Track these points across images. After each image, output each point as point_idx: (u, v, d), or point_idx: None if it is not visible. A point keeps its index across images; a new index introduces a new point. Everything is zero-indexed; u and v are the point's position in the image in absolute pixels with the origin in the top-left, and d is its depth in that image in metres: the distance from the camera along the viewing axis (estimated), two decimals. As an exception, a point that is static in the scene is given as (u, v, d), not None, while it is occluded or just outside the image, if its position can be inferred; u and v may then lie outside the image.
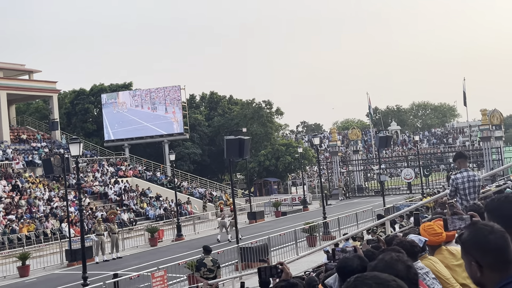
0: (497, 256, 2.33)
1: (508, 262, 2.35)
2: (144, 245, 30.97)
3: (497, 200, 2.95)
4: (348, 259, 3.50)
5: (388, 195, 44.26)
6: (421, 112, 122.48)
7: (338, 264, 3.53)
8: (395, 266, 2.56)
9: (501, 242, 2.35)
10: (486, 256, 2.34)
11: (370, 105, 66.76)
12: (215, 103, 67.90)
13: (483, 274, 2.34)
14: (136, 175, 47.57)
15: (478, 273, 2.35)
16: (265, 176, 58.57)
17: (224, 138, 20.84)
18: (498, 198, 2.98)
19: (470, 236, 2.41)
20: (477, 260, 2.35)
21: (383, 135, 33.51)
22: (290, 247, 22.29)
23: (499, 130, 48.36)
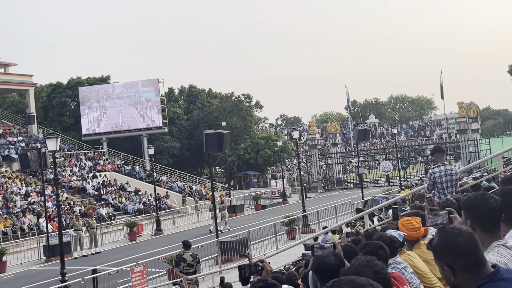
0: (467, 258, 2.36)
1: (479, 262, 2.38)
2: (123, 240, 30.78)
3: (473, 198, 3.01)
4: (324, 257, 3.50)
5: (366, 187, 44.60)
6: (399, 105, 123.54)
7: (314, 263, 3.53)
8: (362, 273, 2.59)
9: (470, 244, 2.38)
10: (457, 259, 2.37)
11: (349, 98, 67.10)
12: (194, 97, 67.63)
13: (456, 277, 2.37)
14: (114, 170, 47.19)
15: (452, 277, 2.38)
16: (244, 169, 58.57)
17: (203, 132, 20.76)
18: (474, 196, 3.04)
19: (440, 241, 2.45)
20: (449, 264, 2.38)
21: (362, 128, 33.71)
22: (270, 240, 22.36)
23: (475, 123, 48.98)
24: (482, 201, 2.95)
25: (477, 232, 2.90)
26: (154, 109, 55.48)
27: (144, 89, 55.88)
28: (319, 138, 63.46)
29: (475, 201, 2.99)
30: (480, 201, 2.96)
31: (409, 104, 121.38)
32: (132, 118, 55.54)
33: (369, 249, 4.25)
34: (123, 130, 55.74)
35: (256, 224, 26.28)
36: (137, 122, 55.70)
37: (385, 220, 15.04)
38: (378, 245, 4.31)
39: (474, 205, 2.97)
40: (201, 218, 37.21)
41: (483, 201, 2.95)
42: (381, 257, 4.03)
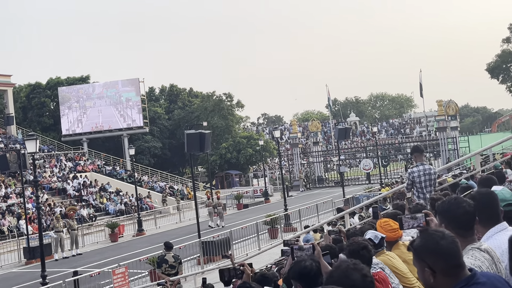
0: (449, 261, 2.41)
1: (459, 266, 2.44)
2: (104, 241, 30.58)
3: (447, 202, 3.08)
4: (302, 262, 3.52)
5: (347, 185, 44.90)
6: (379, 103, 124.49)
7: (294, 269, 3.52)
8: (350, 276, 2.61)
9: (453, 247, 2.43)
10: (439, 262, 2.41)
11: (330, 97, 67.42)
12: (175, 96, 67.37)
13: (436, 280, 2.42)
14: (95, 170, 46.83)
15: (431, 279, 2.43)
16: (226, 168, 58.55)
17: (185, 133, 20.72)
18: (448, 200, 3.11)
19: (422, 243, 2.49)
20: (430, 266, 2.42)
21: (342, 127, 33.95)
22: (252, 239, 22.39)
23: (454, 121, 49.59)
24: (456, 205, 3.01)
25: None
26: (134, 108, 55.15)
27: (125, 88, 55.50)
28: (301, 137, 63.66)
29: (448, 206, 3.05)
30: (454, 206, 3.02)
31: (389, 102, 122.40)
32: (112, 118, 55.15)
33: (353, 249, 4.29)
34: (103, 130, 55.31)
35: (238, 223, 26.31)
36: (117, 122, 55.31)
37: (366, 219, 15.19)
38: (362, 245, 4.33)
39: (447, 210, 3.03)
40: (183, 218, 37.11)
41: (457, 206, 3.01)
42: (364, 257, 4.07)
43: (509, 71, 51.42)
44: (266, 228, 24.93)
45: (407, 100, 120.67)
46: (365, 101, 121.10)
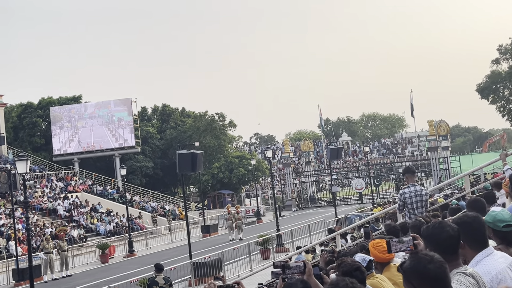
0: (435, 285, 2.43)
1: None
2: (94, 262, 30.27)
3: (431, 227, 3.10)
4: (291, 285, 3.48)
5: (340, 205, 44.82)
6: (371, 123, 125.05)
7: None
8: None
9: (440, 272, 2.45)
10: (425, 285, 2.43)
11: (322, 116, 67.71)
12: (167, 116, 67.40)
13: None
14: (86, 190, 46.55)
15: None
16: (218, 188, 58.37)
17: (176, 153, 20.67)
18: (432, 225, 3.13)
19: (411, 265, 2.51)
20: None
21: (334, 147, 34.00)
22: (244, 260, 22.23)
23: (445, 141, 49.79)
24: (440, 230, 3.04)
25: None
26: (126, 128, 55.08)
27: (117, 108, 55.49)
28: (293, 157, 63.72)
29: (432, 230, 3.08)
30: (438, 230, 3.05)
31: (381, 122, 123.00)
32: (104, 138, 55.02)
33: (345, 270, 4.26)
34: (95, 150, 55.14)
35: (230, 244, 26.14)
36: (109, 142, 55.18)
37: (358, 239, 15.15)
38: (355, 266, 4.31)
39: (431, 234, 3.06)
40: (174, 238, 36.84)
41: (440, 230, 3.04)
42: (357, 278, 4.04)
43: (498, 91, 51.91)
44: (258, 248, 24.77)
45: (399, 120, 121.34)
46: (357, 121, 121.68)
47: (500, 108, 52.05)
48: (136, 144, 55.35)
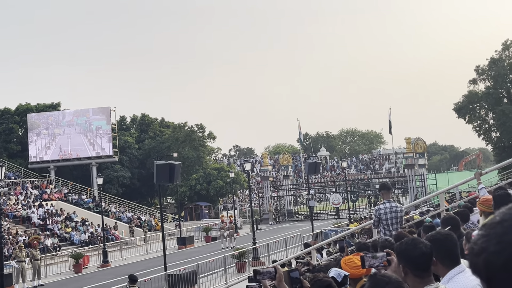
0: None
1: None
2: (68, 272, 29.82)
3: (404, 244, 3.17)
4: None
5: (316, 220, 44.93)
6: (349, 139, 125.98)
7: None
8: None
9: None
10: None
11: (301, 131, 67.95)
12: (146, 126, 67.07)
13: None
14: (61, 199, 45.96)
15: None
16: (196, 200, 58.10)
17: (154, 163, 20.58)
18: (405, 242, 3.20)
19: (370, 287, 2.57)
20: None
21: (312, 161, 34.16)
22: (220, 273, 22.12)
23: (422, 158, 50.37)
24: (412, 246, 3.11)
25: (409, 277, 3.04)
26: (104, 137, 54.65)
27: (95, 117, 55.07)
28: (271, 170, 63.80)
29: (406, 247, 3.14)
30: (411, 247, 3.12)
31: (359, 138, 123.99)
32: (81, 146, 54.50)
33: (317, 286, 4.29)
34: (72, 158, 54.56)
35: (206, 256, 26.01)
36: (86, 150, 54.66)
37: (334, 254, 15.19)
38: (327, 283, 4.33)
39: (404, 250, 3.13)
40: (149, 250, 36.50)
41: (413, 247, 3.11)
42: None
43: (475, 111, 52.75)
44: (234, 261, 24.68)
45: (377, 137, 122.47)
46: (335, 136, 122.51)
47: (476, 128, 52.87)
48: (114, 153, 54.91)
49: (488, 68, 51.59)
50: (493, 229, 0.89)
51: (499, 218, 0.91)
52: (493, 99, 50.37)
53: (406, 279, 3.06)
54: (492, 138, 52.77)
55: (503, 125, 48.90)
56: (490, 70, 51.29)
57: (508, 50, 51.64)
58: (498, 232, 0.87)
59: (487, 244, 0.88)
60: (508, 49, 51.61)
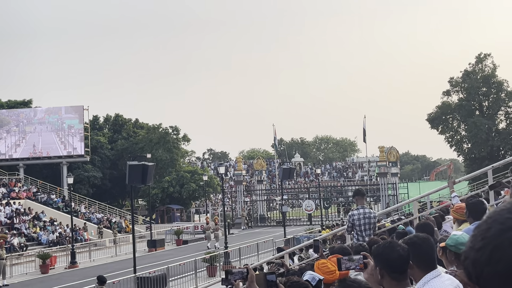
0: None
1: None
2: (34, 272, 29.19)
3: (381, 246, 3.16)
4: None
5: (289, 225, 44.93)
6: (323, 146, 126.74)
7: None
8: None
9: None
10: None
11: (276, 136, 68.00)
12: (120, 126, 66.31)
13: None
14: (30, 198, 45.05)
15: None
16: (168, 203, 57.61)
17: (127, 164, 20.26)
18: (383, 244, 3.20)
19: None
20: None
21: (287, 167, 34.19)
22: (190, 277, 21.90)
23: (395, 167, 50.84)
24: (390, 249, 3.12)
25: (386, 280, 3.01)
26: (76, 136, 53.85)
27: (68, 115, 54.26)
28: (245, 174, 63.62)
29: (383, 249, 3.14)
30: (388, 250, 3.12)
31: (333, 146, 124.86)
32: (52, 145, 53.59)
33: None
34: (42, 156, 53.61)
35: (176, 260, 25.75)
36: (57, 149, 53.78)
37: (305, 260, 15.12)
38: (303, 286, 4.27)
39: (382, 253, 3.13)
40: (119, 252, 36.01)
41: (391, 250, 3.12)
42: None
43: (448, 122, 53.51)
44: (205, 265, 24.48)
45: (351, 145, 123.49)
46: (310, 143, 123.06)
47: (448, 139, 53.63)
48: (86, 153, 54.14)
49: (461, 80, 52.44)
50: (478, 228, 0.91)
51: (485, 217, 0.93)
52: (466, 111, 51.17)
53: (383, 282, 3.05)
54: (463, 149, 53.58)
55: (474, 137, 49.69)
56: (463, 82, 52.14)
57: (482, 63, 52.56)
58: (483, 229, 0.89)
59: (473, 243, 0.91)
60: (482, 62, 52.54)
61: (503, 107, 52.04)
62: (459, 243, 4.14)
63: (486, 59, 52.45)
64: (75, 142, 53.81)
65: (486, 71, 51.98)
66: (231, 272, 3.60)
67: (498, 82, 51.17)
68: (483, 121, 49.34)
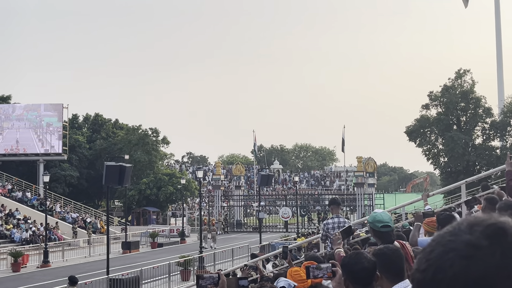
0: None
1: None
2: (5, 270, 28.78)
3: (348, 257, 3.22)
4: None
5: (265, 232, 45.00)
6: (302, 154, 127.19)
7: None
8: None
9: None
10: None
11: (256, 142, 68.18)
12: (99, 126, 65.79)
13: None
14: (4, 194, 44.44)
15: None
16: (144, 205, 57.25)
17: (104, 164, 20.14)
18: (350, 255, 3.25)
19: None
20: None
21: (265, 173, 34.26)
22: (163, 280, 21.82)
23: (372, 178, 51.27)
24: (355, 261, 3.16)
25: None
26: (55, 134, 53.30)
27: (47, 113, 53.70)
28: (224, 179, 63.55)
29: (349, 260, 3.19)
30: (353, 261, 3.16)
31: (312, 154, 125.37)
32: (30, 142, 52.95)
33: None
34: (18, 153, 52.94)
35: (150, 262, 25.59)
36: (35, 146, 53.15)
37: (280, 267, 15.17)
38: None
39: (347, 264, 3.17)
40: (93, 252, 35.67)
41: (356, 261, 3.16)
42: None
43: (426, 135, 54.09)
44: (179, 269, 24.40)
45: (330, 154, 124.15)
46: (289, 150, 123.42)
47: (425, 152, 54.19)
48: (63, 151, 53.60)
49: (441, 94, 53.08)
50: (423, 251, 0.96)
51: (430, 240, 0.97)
52: (444, 125, 51.80)
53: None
54: (440, 163, 54.17)
55: (451, 151, 50.30)
56: (442, 97, 52.77)
57: (461, 79, 53.29)
58: (427, 251, 0.94)
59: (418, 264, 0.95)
60: (461, 77, 53.28)
61: (480, 123, 52.78)
62: (376, 220, 4.60)
63: (465, 75, 53.21)
64: (53, 140, 53.25)
65: (465, 87, 52.72)
66: (202, 277, 3.63)
67: (476, 98, 51.92)
68: (460, 136, 50.00)
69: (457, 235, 0.91)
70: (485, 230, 0.90)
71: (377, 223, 4.58)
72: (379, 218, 4.59)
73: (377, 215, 4.69)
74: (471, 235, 0.90)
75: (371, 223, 4.70)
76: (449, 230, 0.94)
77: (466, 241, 0.90)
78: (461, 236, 0.91)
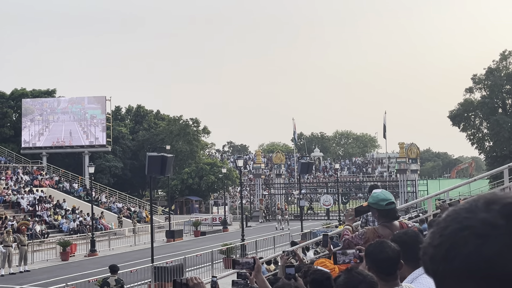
0: None
1: None
2: (54, 259, 29.75)
3: (372, 245, 3.16)
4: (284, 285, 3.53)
5: (306, 220, 44.98)
6: (343, 141, 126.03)
7: None
8: None
9: None
10: None
11: (295, 130, 67.92)
12: (141, 117, 66.89)
13: None
14: (52, 186, 45.79)
15: None
16: (187, 194, 58.03)
17: (146, 155, 20.52)
18: (374, 244, 3.19)
19: (343, 282, 2.60)
20: None
21: (305, 161, 34.19)
22: (206, 268, 22.14)
23: (415, 164, 50.47)
24: (379, 249, 3.11)
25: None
26: (98, 126, 54.50)
27: (90, 105, 54.92)
28: (264, 168, 63.76)
29: (373, 249, 3.14)
30: (377, 250, 3.11)
31: (353, 141, 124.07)
32: (75, 134, 54.34)
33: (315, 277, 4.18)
34: (64, 146, 54.39)
35: (193, 250, 26.01)
36: (80, 138, 54.51)
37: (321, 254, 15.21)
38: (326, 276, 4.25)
39: (371, 253, 3.12)
40: (138, 241, 36.47)
41: (380, 250, 3.10)
42: None
43: (470, 120, 52.88)
44: (222, 257, 24.68)
45: (371, 140, 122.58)
46: (330, 138, 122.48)
47: (470, 136, 53.01)
48: (107, 143, 54.77)
49: (485, 77, 51.72)
50: (438, 225, 0.94)
51: (444, 215, 0.95)
52: (488, 109, 50.50)
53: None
54: (485, 148, 52.92)
55: (496, 135, 49.05)
56: (486, 80, 51.42)
57: (506, 61, 51.79)
58: (442, 226, 0.92)
59: (431, 239, 0.93)
60: (506, 59, 51.77)
61: (527, 106, 51.28)
62: (379, 199, 4.58)
63: (510, 57, 51.67)
64: (97, 132, 54.49)
65: (510, 69, 51.23)
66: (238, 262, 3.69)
67: (522, 80, 50.40)
68: (506, 119, 48.64)
69: (473, 212, 0.90)
70: (502, 209, 0.88)
71: (381, 202, 4.58)
72: (382, 197, 4.60)
73: (379, 194, 4.68)
74: (488, 213, 0.89)
75: (375, 204, 4.66)
76: (465, 206, 0.93)
77: (482, 219, 0.88)
78: (477, 214, 0.89)
